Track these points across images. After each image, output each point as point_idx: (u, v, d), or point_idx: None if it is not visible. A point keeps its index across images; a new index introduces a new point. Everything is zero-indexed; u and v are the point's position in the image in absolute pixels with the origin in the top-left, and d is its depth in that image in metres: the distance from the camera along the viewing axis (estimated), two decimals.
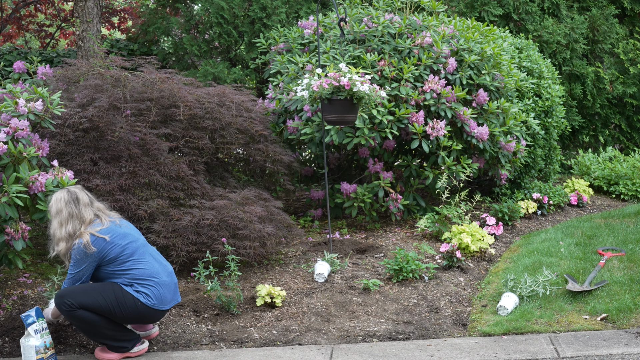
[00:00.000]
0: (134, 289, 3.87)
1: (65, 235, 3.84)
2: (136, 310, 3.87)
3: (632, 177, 8.10)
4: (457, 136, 6.43)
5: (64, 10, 12.86)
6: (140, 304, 3.86)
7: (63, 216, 3.85)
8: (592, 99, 9.64)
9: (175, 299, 4.06)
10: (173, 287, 4.04)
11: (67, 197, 3.88)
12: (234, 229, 5.00)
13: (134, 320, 3.97)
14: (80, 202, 3.90)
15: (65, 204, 3.86)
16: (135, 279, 3.89)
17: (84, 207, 3.89)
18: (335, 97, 5.18)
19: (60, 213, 3.85)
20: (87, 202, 3.92)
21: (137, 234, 4.06)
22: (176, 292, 4.08)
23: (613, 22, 9.69)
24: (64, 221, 3.84)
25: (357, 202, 6.18)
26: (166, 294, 3.96)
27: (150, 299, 3.88)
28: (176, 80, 5.83)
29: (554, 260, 5.27)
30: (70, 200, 3.88)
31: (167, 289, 3.97)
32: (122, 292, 3.86)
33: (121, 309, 3.84)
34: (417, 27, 6.62)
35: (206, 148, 5.66)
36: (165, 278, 3.98)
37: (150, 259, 3.99)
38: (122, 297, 3.84)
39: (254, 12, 8.81)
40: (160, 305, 3.93)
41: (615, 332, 4.12)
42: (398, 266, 5.03)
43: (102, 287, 3.87)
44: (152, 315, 3.96)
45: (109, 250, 3.85)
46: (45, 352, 3.82)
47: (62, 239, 3.85)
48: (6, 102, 4.32)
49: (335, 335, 4.27)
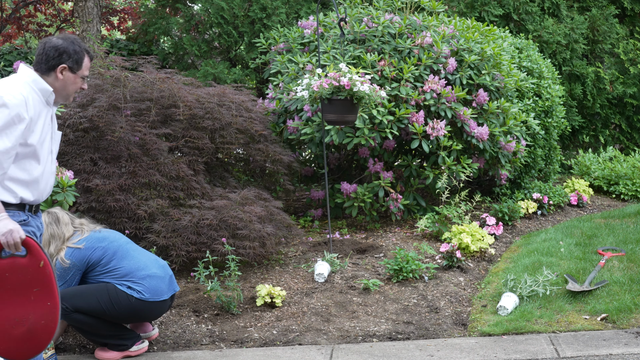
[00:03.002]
0: (127, 286, 3.86)
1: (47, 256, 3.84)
2: (131, 307, 3.86)
3: (632, 177, 8.10)
4: (457, 136, 6.43)
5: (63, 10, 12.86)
6: (134, 300, 3.85)
7: (44, 238, 3.84)
8: (592, 99, 9.64)
9: (173, 288, 4.04)
10: (168, 278, 4.02)
11: (47, 219, 3.89)
12: (234, 229, 5.00)
13: (132, 318, 3.96)
14: (61, 222, 3.91)
15: (47, 226, 3.86)
16: (124, 275, 3.88)
17: (64, 225, 3.91)
18: (335, 97, 5.18)
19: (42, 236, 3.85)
20: (67, 221, 3.94)
21: (118, 236, 4.05)
22: (172, 282, 4.06)
23: (613, 22, 9.69)
24: (45, 243, 3.84)
25: (357, 202, 6.18)
26: (160, 285, 3.94)
27: (144, 294, 3.87)
28: (176, 80, 5.84)
29: (554, 260, 5.27)
30: (51, 222, 3.89)
31: (160, 280, 3.95)
32: (115, 291, 3.85)
33: (116, 308, 3.84)
34: (417, 27, 6.62)
35: (206, 148, 5.66)
36: (155, 270, 3.96)
37: (135, 254, 3.98)
38: (116, 296, 3.84)
39: (254, 13, 8.81)
40: (156, 297, 3.91)
41: (615, 332, 4.12)
42: (398, 266, 5.03)
43: (97, 288, 3.86)
44: (150, 310, 3.94)
45: (90, 255, 3.87)
46: (45, 352, 3.81)
47: None
48: None
49: (335, 335, 4.27)
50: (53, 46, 3.14)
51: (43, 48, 3.15)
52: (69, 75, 3.18)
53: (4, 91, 2.97)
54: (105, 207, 4.92)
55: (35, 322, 3.01)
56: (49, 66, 3.13)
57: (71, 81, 3.19)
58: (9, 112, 2.94)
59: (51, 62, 3.13)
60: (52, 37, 3.22)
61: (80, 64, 3.20)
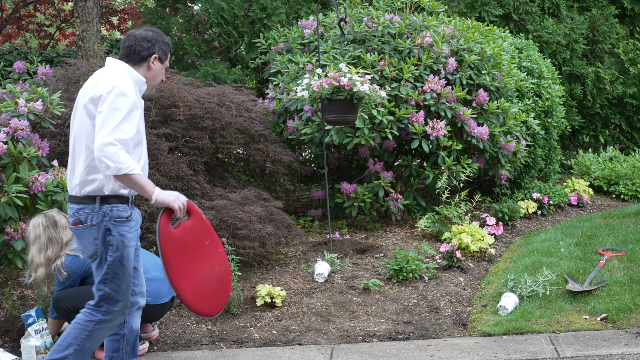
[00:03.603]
0: None
1: (45, 260, 3.81)
2: None
3: (632, 177, 8.10)
4: (457, 136, 6.43)
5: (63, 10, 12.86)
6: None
7: (42, 242, 3.81)
8: (592, 99, 9.64)
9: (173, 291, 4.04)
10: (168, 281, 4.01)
11: (45, 222, 3.84)
12: (234, 228, 5.00)
13: None
14: (59, 225, 3.86)
15: (44, 229, 3.82)
16: None
17: (62, 229, 3.86)
18: (335, 97, 5.18)
19: (39, 239, 3.81)
20: (65, 224, 3.89)
21: None
22: None
23: (613, 22, 9.69)
24: (43, 247, 3.80)
25: (357, 202, 6.18)
26: (161, 288, 3.94)
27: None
28: (176, 80, 5.84)
29: (554, 260, 5.27)
30: (48, 225, 3.84)
31: (160, 283, 3.94)
32: None
33: None
34: (417, 27, 6.62)
35: (206, 148, 5.66)
36: (156, 273, 3.96)
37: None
38: None
39: (254, 13, 8.81)
40: (157, 300, 3.91)
41: (615, 332, 4.12)
42: (398, 266, 5.03)
43: None
44: (151, 312, 3.93)
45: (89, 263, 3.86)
46: (45, 352, 3.82)
47: (41, 265, 3.81)
48: (6, 102, 4.32)
49: (335, 335, 4.27)
50: (144, 37, 3.23)
51: (134, 39, 3.23)
52: (158, 66, 3.27)
53: (118, 81, 3.04)
54: None
55: (219, 270, 3.27)
56: (142, 57, 3.21)
57: (159, 71, 3.29)
58: (127, 100, 3.01)
59: (143, 52, 3.21)
60: (137, 29, 3.31)
61: (167, 55, 3.32)
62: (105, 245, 3.09)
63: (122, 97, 2.99)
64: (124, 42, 3.26)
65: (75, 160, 3.14)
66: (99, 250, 3.11)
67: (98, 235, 3.08)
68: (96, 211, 3.06)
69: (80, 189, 3.09)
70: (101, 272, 3.13)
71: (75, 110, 3.19)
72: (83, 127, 3.09)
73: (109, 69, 3.18)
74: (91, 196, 3.07)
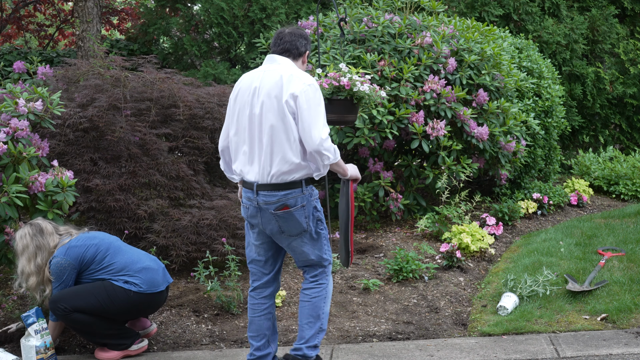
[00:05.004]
0: (123, 281, 3.88)
1: (35, 269, 3.84)
2: (130, 301, 3.87)
3: (632, 177, 8.11)
4: (457, 136, 6.43)
5: (63, 10, 12.86)
6: (132, 293, 3.87)
7: (30, 251, 3.84)
8: (592, 99, 9.64)
9: (166, 280, 4.07)
10: (161, 270, 4.05)
11: (31, 231, 3.89)
12: (234, 228, 5.00)
13: (131, 312, 3.97)
14: (45, 233, 3.90)
15: (31, 238, 3.86)
16: (119, 270, 3.90)
17: (49, 235, 3.91)
18: (335, 97, 5.18)
19: (27, 249, 3.85)
20: (51, 230, 3.93)
21: (107, 235, 4.08)
22: (165, 274, 4.09)
23: (613, 22, 9.70)
24: (32, 256, 3.84)
25: (357, 202, 6.18)
26: (155, 277, 3.97)
27: (141, 287, 3.89)
28: (176, 80, 5.83)
29: (554, 260, 5.27)
30: (35, 234, 3.88)
31: (154, 272, 3.98)
32: (112, 287, 3.86)
33: (115, 305, 3.85)
34: (417, 27, 6.62)
35: (206, 148, 5.66)
36: (149, 262, 4.00)
37: (127, 249, 4.03)
38: (114, 292, 3.85)
39: (254, 13, 8.81)
40: (153, 288, 3.94)
41: (615, 332, 4.12)
42: (398, 266, 5.03)
43: (94, 287, 3.87)
44: (148, 302, 3.96)
45: (84, 253, 3.88)
46: (45, 352, 3.81)
47: (32, 274, 3.84)
48: (6, 102, 4.32)
49: (335, 335, 4.27)
50: (301, 34, 3.50)
51: (292, 36, 3.47)
52: (306, 60, 3.55)
53: (311, 78, 3.31)
54: (105, 207, 4.92)
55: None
56: (300, 52, 3.49)
57: (305, 66, 3.56)
58: (321, 95, 3.31)
59: (302, 48, 3.49)
60: (288, 27, 3.54)
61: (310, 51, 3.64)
62: (315, 221, 3.44)
63: (319, 93, 3.28)
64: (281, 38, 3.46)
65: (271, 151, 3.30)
66: (310, 228, 3.42)
67: (308, 214, 3.39)
68: (303, 194, 3.35)
69: (285, 176, 3.32)
70: (316, 244, 3.48)
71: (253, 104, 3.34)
72: (281, 121, 3.27)
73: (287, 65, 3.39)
74: (296, 181, 3.33)
